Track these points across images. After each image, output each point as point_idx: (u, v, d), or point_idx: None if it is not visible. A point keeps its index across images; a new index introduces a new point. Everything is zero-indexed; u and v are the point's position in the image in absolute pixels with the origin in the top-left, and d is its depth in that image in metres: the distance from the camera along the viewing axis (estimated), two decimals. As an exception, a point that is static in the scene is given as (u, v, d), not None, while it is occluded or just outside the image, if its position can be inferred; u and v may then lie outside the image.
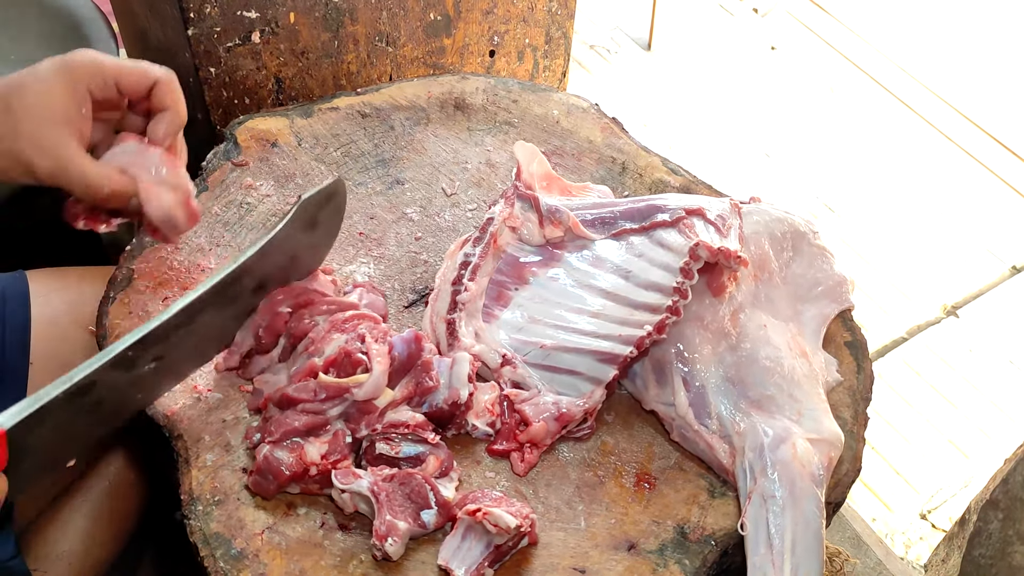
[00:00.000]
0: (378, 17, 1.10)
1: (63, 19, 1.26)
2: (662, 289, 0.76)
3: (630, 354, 0.74)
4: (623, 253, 0.81)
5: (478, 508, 0.67)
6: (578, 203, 0.87)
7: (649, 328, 0.74)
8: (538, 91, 1.04)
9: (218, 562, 0.68)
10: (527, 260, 0.84)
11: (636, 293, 0.78)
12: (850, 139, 1.85)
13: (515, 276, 0.83)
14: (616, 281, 0.79)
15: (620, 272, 0.80)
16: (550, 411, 0.74)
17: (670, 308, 0.74)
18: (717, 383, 0.74)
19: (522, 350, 0.78)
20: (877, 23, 2.06)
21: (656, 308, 0.76)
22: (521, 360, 0.77)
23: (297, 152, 0.96)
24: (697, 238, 0.76)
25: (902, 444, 1.43)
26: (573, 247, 0.84)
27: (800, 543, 0.66)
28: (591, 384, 0.75)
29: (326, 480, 0.70)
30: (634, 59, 1.95)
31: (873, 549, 1.12)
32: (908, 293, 1.62)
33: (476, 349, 0.78)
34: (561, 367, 0.76)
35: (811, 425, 0.72)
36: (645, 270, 0.78)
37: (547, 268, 0.83)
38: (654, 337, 0.74)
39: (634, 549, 0.71)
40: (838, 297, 0.84)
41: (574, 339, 0.77)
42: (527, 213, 0.85)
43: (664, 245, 0.79)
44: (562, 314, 0.79)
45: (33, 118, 0.62)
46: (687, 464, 0.77)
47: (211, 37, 1.02)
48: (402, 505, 0.68)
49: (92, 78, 0.65)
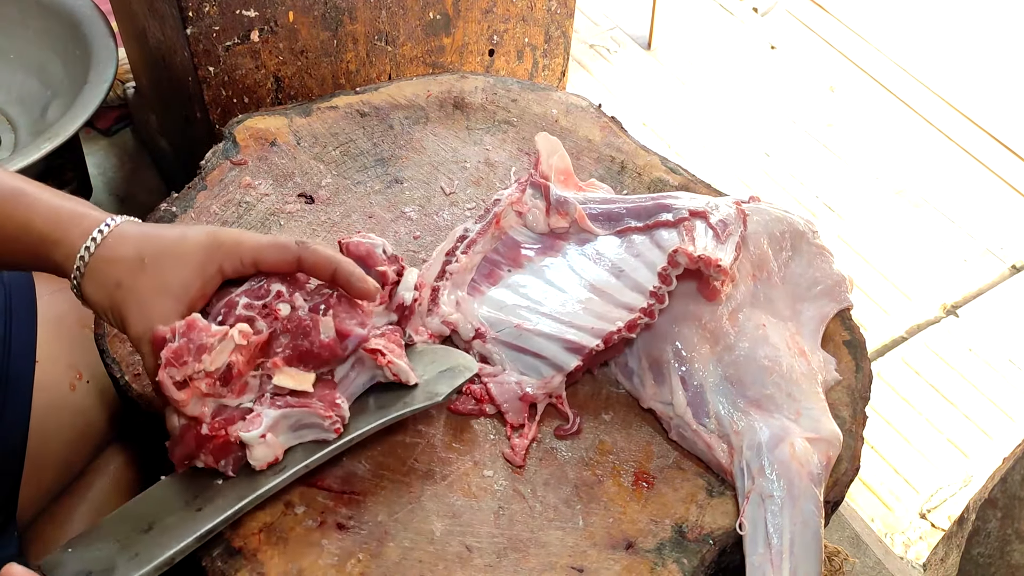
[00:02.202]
0: (377, 16, 1.10)
1: (62, 18, 1.26)
2: (644, 291, 0.77)
3: (596, 347, 0.75)
4: (621, 251, 0.81)
5: (379, 350, 0.68)
6: (586, 196, 0.87)
7: (620, 325, 0.74)
8: (537, 90, 1.04)
9: (215, 561, 0.68)
10: (527, 245, 0.85)
11: (622, 292, 0.78)
12: (850, 138, 1.85)
13: (511, 258, 0.84)
14: (607, 278, 0.80)
15: (613, 269, 0.80)
16: (513, 390, 0.75)
17: (644, 310, 0.75)
18: (715, 382, 0.74)
19: (496, 326, 0.79)
20: (877, 22, 2.06)
21: (634, 308, 0.76)
22: (493, 336, 0.78)
23: (296, 151, 0.96)
24: (691, 242, 0.77)
25: (902, 443, 1.43)
26: (575, 240, 0.84)
27: (798, 542, 0.66)
28: (552, 370, 0.76)
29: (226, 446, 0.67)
30: (634, 58, 1.95)
31: (872, 548, 1.12)
32: (908, 292, 1.62)
33: (452, 317, 0.79)
34: (528, 349, 0.77)
35: (809, 424, 0.72)
36: (636, 269, 0.79)
37: (544, 256, 0.83)
38: (623, 334, 0.74)
39: (632, 548, 0.71)
40: (837, 296, 0.84)
41: (547, 324, 0.77)
42: (536, 200, 0.86)
43: (660, 246, 0.80)
44: (544, 300, 0.79)
45: (153, 285, 0.64)
46: (685, 463, 0.77)
47: (210, 36, 1.02)
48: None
49: (228, 258, 0.67)
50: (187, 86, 1.10)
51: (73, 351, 0.87)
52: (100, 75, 1.20)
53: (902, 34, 2.04)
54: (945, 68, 1.97)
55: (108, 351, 0.78)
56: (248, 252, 0.67)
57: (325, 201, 0.93)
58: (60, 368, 0.84)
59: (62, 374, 0.84)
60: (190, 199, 0.90)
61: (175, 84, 1.15)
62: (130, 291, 0.65)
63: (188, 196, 0.90)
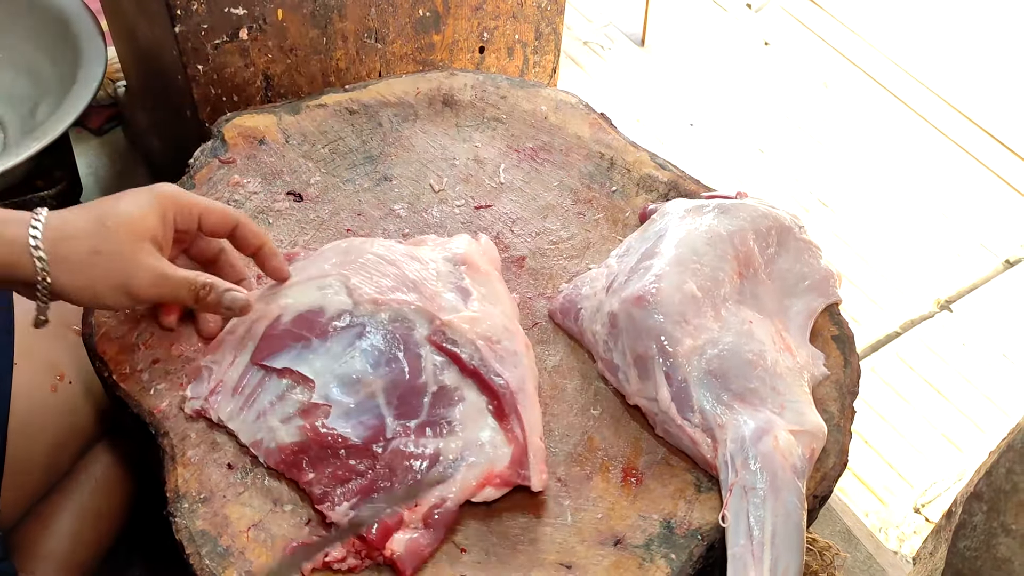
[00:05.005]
0: (367, 14, 1.10)
1: (51, 15, 1.26)
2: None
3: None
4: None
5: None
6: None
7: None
8: (527, 87, 1.04)
9: (204, 560, 0.68)
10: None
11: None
12: (844, 134, 1.85)
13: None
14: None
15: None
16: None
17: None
18: (699, 376, 0.74)
19: None
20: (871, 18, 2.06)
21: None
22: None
23: (285, 149, 0.95)
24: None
25: (896, 438, 1.43)
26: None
27: (780, 534, 0.66)
28: None
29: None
30: (627, 55, 1.95)
31: (863, 543, 1.12)
32: (901, 287, 1.61)
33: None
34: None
35: (793, 417, 0.72)
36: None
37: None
38: None
39: (620, 544, 0.71)
40: (825, 291, 0.84)
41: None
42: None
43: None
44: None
45: (128, 236, 0.66)
46: (674, 459, 0.77)
47: (198, 34, 1.02)
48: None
49: (178, 210, 0.70)
50: (176, 84, 1.10)
51: (53, 352, 0.86)
52: (89, 74, 1.19)
53: (895, 30, 2.04)
54: (939, 64, 1.97)
55: (96, 351, 0.78)
56: (196, 209, 0.72)
57: (314, 199, 0.93)
58: (40, 370, 0.84)
59: (42, 375, 0.84)
60: (178, 198, 0.89)
61: (165, 83, 1.15)
62: (112, 255, 0.66)
63: (176, 195, 0.90)
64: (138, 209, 0.68)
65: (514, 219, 0.93)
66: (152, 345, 0.79)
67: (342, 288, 0.76)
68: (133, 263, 0.67)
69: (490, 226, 0.92)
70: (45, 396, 0.84)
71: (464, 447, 0.70)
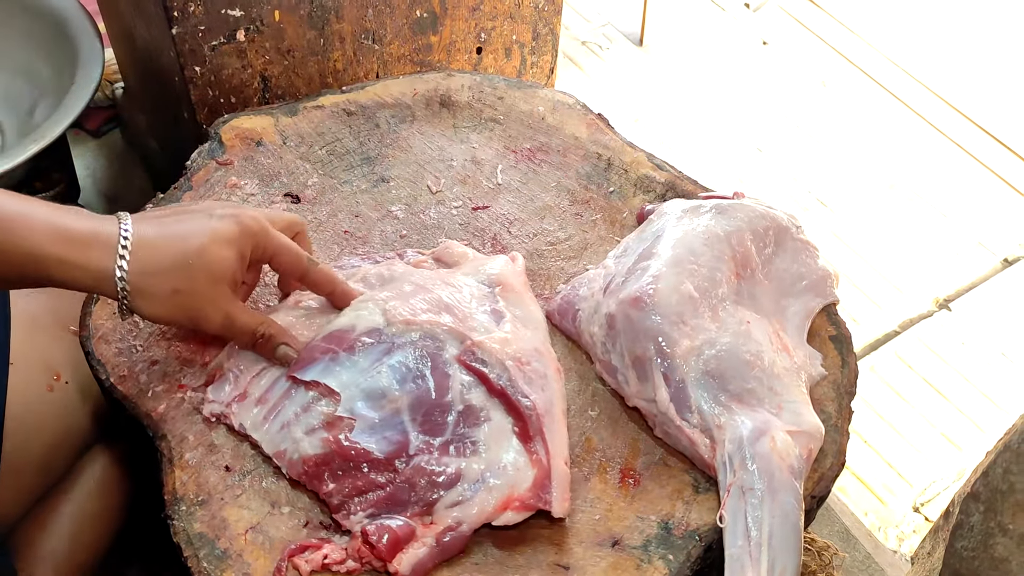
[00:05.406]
0: (364, 15, 1.10)
1: (48, 18, 1.26)
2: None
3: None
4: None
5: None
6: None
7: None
8: (524, 88, 1.04)
9: (201, 562, 0.67)
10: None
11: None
12: (842, 133, 1.85)
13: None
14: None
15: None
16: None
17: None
18: (697, 377, 0.74)
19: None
20: (869, 18, 2.06)
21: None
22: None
23: (282, 151, 0.95)
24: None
25: (895, 437, 1.43)
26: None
27: (777, 535, 0.66)
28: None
29: None
30: (626, 55, 1.95)
31: (862, 542, 1.12)
32: (900, 286, 1.61)
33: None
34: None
35: (791, 418, 0.72)
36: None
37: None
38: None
39: (618, 545, 0.71)
40: (823, 291, 0.84)
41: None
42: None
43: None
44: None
45: (207, 279, 0.70)
46: (672, 460, 0.77)
47: (196, 36, 1.02)
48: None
49: (256, 245, 0.72)
50: (174, 86, 1.10)
51: (50, 352, 0.86)
52: (86, 76, 1.19)
53: (894, 29, 2.04)
54: (937, 63, 1.97)
55: (93, 352, 0.78)
56: (272, 249, 0.73)
57: (311, 201, 0.93)
58: (36, 370, 0.84)
59: (39, 376, 0.84)
60: (175, 200, 0.89)
61: (162, 84, 1.15)
62: (191, 294, 0.69)
63: (174, 197, 0.90)
64: (220, 251, 0.69)
65: (511, 220, 0.93)
66: (150, 347, 0.79)
67: (377, 310, 0.76)
68: (208, 303, 0.70)
69: (487, 227, 0.92)
70: (41, 396, 0.84)
71: (487, 468, 0.70)
